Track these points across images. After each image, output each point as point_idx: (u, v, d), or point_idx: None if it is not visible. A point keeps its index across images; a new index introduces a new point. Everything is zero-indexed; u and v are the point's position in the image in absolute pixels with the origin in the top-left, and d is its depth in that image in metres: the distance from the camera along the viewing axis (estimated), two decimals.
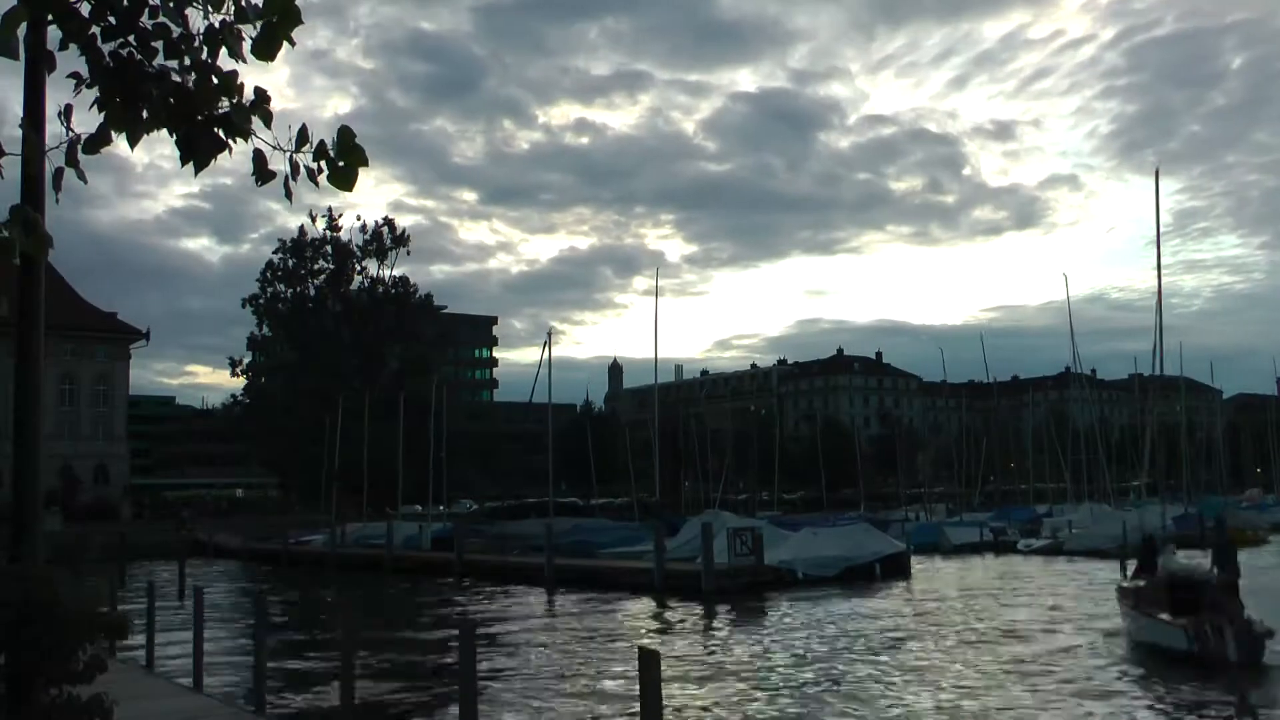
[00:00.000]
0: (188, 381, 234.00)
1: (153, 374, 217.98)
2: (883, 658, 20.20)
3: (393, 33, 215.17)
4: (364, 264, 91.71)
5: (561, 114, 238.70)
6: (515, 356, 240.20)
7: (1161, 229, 37.87)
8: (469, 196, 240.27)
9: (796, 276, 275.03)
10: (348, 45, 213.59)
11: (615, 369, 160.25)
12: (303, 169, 3.02)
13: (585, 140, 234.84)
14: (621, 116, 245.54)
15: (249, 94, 3.06)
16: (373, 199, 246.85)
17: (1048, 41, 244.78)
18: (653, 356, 52.56)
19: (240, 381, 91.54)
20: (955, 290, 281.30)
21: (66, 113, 3.10)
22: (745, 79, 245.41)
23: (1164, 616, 19.08)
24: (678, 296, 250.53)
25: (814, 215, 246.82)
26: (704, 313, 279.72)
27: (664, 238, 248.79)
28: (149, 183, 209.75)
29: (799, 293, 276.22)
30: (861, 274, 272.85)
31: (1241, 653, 17.41)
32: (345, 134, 3.04)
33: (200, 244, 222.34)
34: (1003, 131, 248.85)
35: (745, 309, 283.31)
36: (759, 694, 16.96)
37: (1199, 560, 22.51)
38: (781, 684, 17.79)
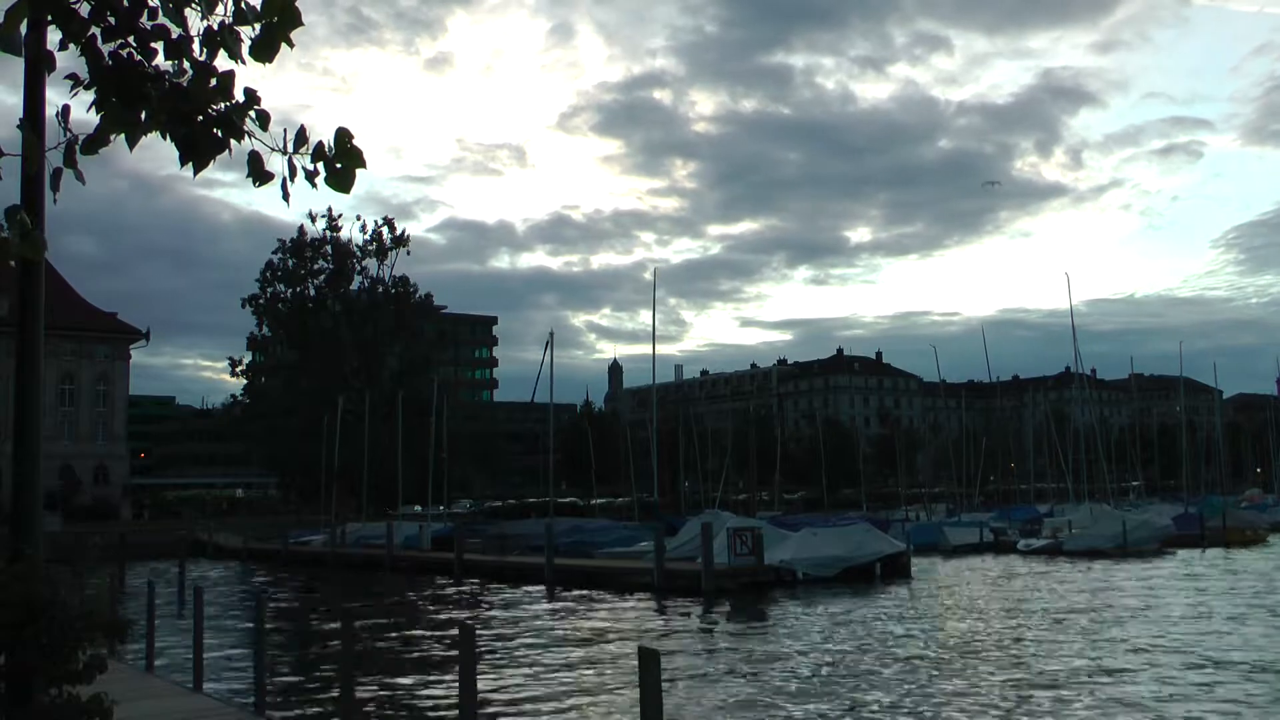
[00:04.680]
0: None
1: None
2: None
3: None
4: (364, 264, 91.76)
5: (827, 85, 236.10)
6: (635, 351, 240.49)
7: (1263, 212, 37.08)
8: (688, 171, 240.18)
9: (967, 265, 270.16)
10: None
11: (615, 369, 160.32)
12: (300, 170, 3.03)
13: (839, 113, 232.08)
14: (879, 90, 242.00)
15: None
16: (580, 175, 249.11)
17: None
18: (657, 354, 52.63)
19: (240, 381, 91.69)
20: (1109, 281, 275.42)
21: (64, 113, 3.10)
22: (1045, 47, 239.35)
23: None
24: (843, 285, 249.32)
25: (1036, 201, 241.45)
26: (833, 303, 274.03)
27: (866, 221, 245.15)
28: None
29: (951, 283, 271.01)
30: (1038, 264, 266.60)
31: None
32: (343, 135, 3.04)
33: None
34: (1265, 118, 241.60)
35: (881, 300, 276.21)
36: (766, 692, 16.97)
37: None
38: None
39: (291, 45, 2.97)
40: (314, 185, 3.03)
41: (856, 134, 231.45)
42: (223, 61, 3.01)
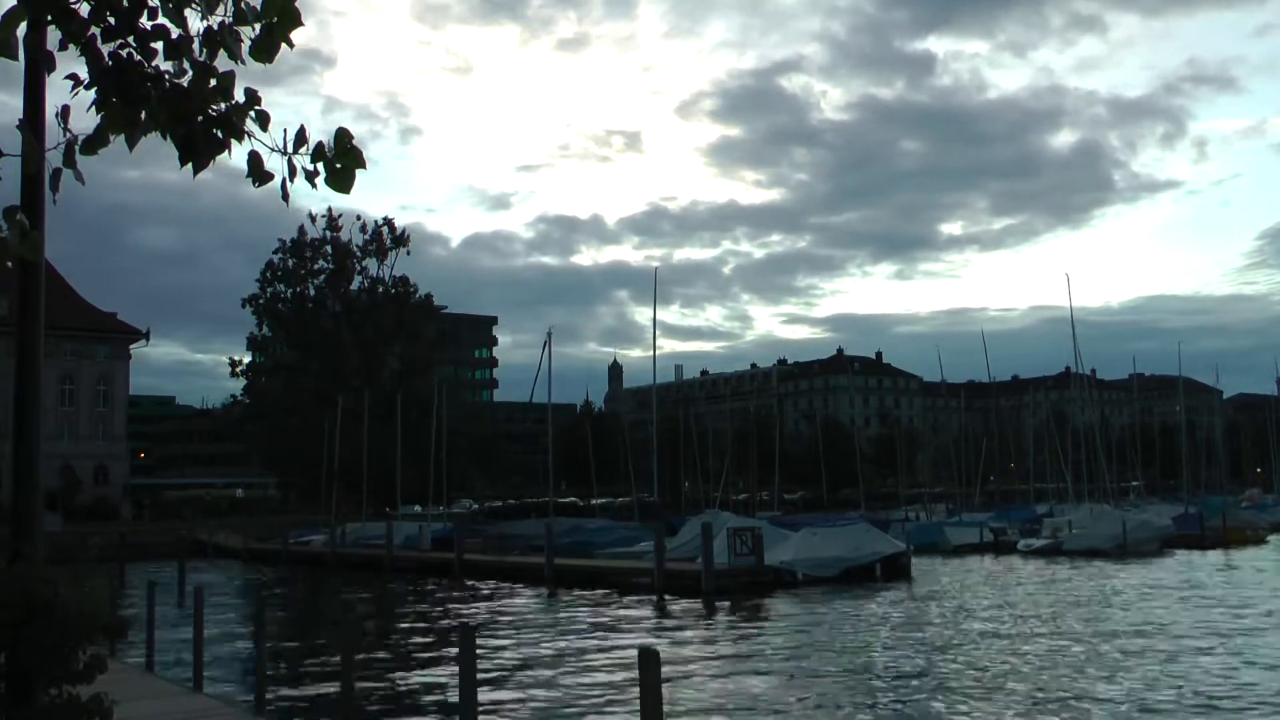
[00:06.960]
0: None
1: None
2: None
3: None
4: (364, 264, 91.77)
5: (964, 71, 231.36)
6: (695, 349, 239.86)
7: None
8: (807, 160, 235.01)
9: (1056, 259, 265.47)
10: None
11: (615, 369, 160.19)
12: (300, 170, 3.03)
13: (969, 101, 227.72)
14: (1013, 77, 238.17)
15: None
16: (685, 164, 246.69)
17: None
18: (653, 352, 52.54)
19: (240, 381, 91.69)
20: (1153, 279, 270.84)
21: (63, 114, 3.10)
22: (1200, 30, 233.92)
23: None
24: (930, 279, 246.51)
25: (1150, 194, 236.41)
26: (902, 299, 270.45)
27: (969, 212, 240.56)
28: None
29: (1032, 277, 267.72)
30: (1121, 259, 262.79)
31: None
32: (342, 135, 3.04)
33: (452, 220, 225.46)
34: None
35: (953, 296, 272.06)
36: (770, 692, 16.97)
37: None
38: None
39: (291, 45, 2.97)
40: (314, 186, 3.03)
41: (986, 121, 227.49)
42: (223, 62, 3.02)
